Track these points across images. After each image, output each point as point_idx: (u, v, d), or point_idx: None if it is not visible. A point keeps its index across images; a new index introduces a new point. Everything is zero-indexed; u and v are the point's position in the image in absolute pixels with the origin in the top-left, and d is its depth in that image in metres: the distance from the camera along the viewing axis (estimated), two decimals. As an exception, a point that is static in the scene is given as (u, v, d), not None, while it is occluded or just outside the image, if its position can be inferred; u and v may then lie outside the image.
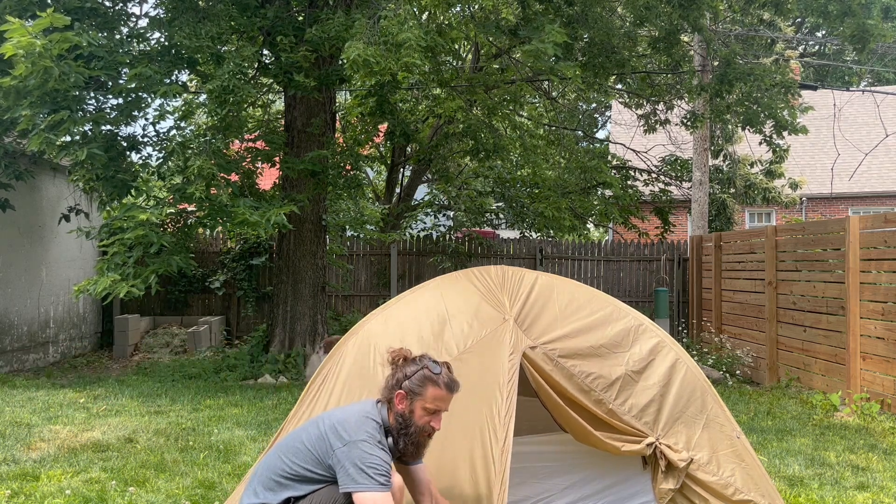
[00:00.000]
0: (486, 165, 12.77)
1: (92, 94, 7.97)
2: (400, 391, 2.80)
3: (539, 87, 13.51)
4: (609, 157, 14.73)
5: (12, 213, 9.09)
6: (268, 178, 12.14)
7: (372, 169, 15.22)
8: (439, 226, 13.25)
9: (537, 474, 3.67)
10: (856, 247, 7.14)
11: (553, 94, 14.59)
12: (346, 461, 2.66)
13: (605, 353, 3.40)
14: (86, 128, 7.48)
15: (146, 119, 8.32)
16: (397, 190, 13.99)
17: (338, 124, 11.44)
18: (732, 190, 14.65)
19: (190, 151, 7.75)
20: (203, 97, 9.85)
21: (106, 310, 11.62)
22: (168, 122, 26.19)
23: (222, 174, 7.88)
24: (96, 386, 8.12)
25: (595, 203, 13.18)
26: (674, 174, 14.11)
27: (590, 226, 17.94)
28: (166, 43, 8.26)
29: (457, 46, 12.58)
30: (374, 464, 2.65)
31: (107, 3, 8.33)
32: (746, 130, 12.16)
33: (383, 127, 11.99)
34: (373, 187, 14.83)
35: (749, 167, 15.12)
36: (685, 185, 14.31)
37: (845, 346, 7.21)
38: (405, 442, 2.79)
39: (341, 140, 10.75)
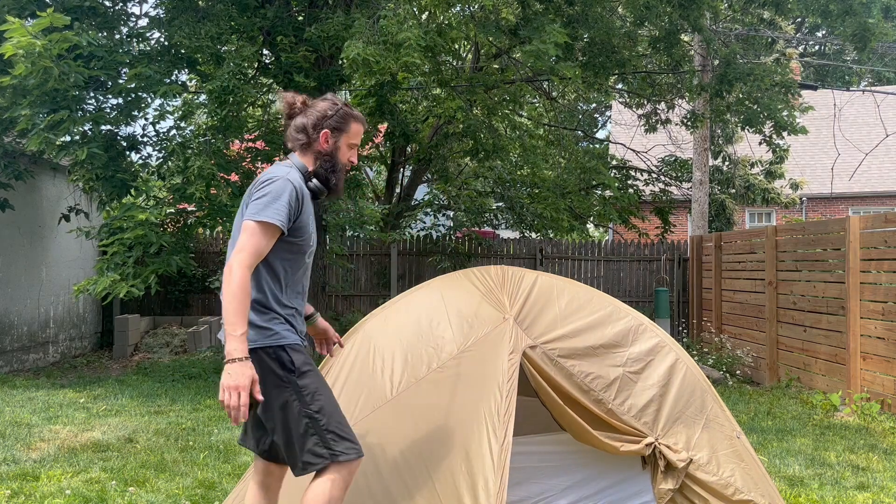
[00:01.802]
0: (486, 165, 12.77)
1: (92, 94, 7.97)
2: (325, 130, 2.74)
3: (539, 87, 13.51)
4: (609, 158, 14.73)
5: (12, 212, 9.08)
6: (268, 178, 12.11)
7: (372, 169, 15.21)
8: (439, 226, 13.24)
9: (537, 474, 3.67)
10: (856, 247, 7.14)
11: (553, 94, 14.60)
12: (264, 192, 2.60)
13: (604, 353, 3.40)
14: (85, 127, 7.48)
15: (146, 119, 8.33)
16: (397, 190, 13.99)
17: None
18: (732, 190, 14.66)
19: (190, 151, 7.75)
20: (203, 97, 9.85)
21: (106, 310, 11.62)
22: (168, 122, 26.17)
23: (222, 174, 7.88)
24: (96, 386, 8.12)
25: (594, 203, 13.18)
26: (674, 174, 14.11)
27: (590, 226, 17.95)
28: (166, 43, 8.26)
29: (457, 46, 12.58)
30: (262, 202, 2.56)
31: (106, 3, 8.33)
32: (746, 130, 12.16)
33: (383, 127, 11.99)
34: (373, 187, 14.83)
35: (749, 167, 15.13)
36: (685, 185, 14.31)
37: (845, 346, 7.21)
38: (335, 178, 2.78)
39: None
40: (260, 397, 2.44)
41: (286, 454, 2.61)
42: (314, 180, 2.74)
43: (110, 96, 8.18)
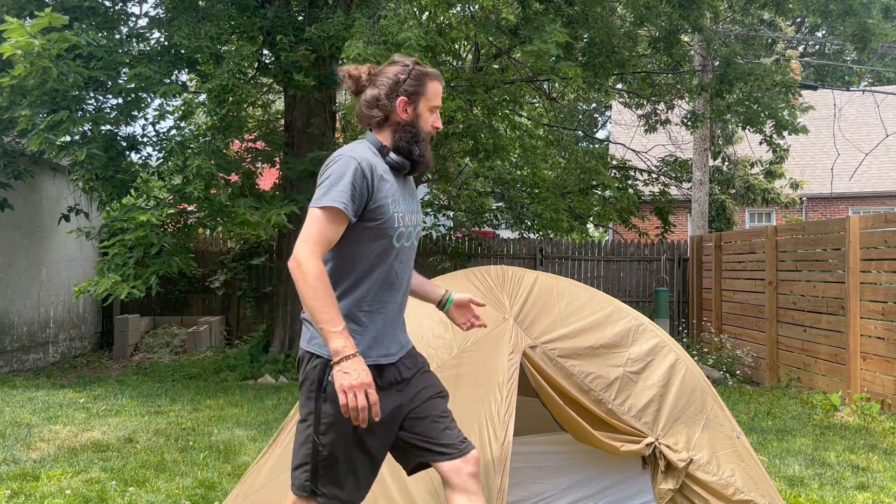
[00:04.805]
0: (486, 165, 12.76)
1: (91, 94, 7.97)
2: (401, 98, 2.41)
3: (539, 87, 13.50)
4: (609, 158, 14.72)
5: (12, 212, 9.08)
6: (268, 178, 12.13)
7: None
8: (439, 226, 13.24)
9: (537, 474, 3.67)
10: (856, 247, 7.14)
11: (553, 94, 14.59)
12: (325, 175, 2.33)
13: (604, 353, 3.40)
14: (85, 128, 7.48)
15: (146, 119, 8.32)
16: (397, 190, 13.96)
17: (338, 124, 11.44)
18: (732, 190, 14.66)
19: (189, 151, 7.75)
20: (203, 97, 9.84)
21: (106, 310, 11.61)
22: (168, 122, 26.16)
23: (222, 174, 7.87)
24: (96, 386, 8.12)
25: (594, 204, 13.18)
26: (674, 174, 14.11)
27: (590, 226, 17.94)
28: (166, 43, 8.26)
29: (457, 46, 12.57)
30: (324, 185, 2.29)
31: (106, 3, 8.32)
32: (747, 130, 12.16)
33: (383, 127, 11.95)
34: (373, 187, 14.79)
35: (749, 167, 15.13)
36: (685, 185, 14.31)
37: (845, 346, 7.21)
38: (420, 149, 2.43)
39: (341, 140, 10.75)
40: (376, 397, 2.20)
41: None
42: (392, 154, 2.41)
43: (110, 96, 8.18)
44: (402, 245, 2.42)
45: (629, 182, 13.93)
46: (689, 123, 11.38)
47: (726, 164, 14.97)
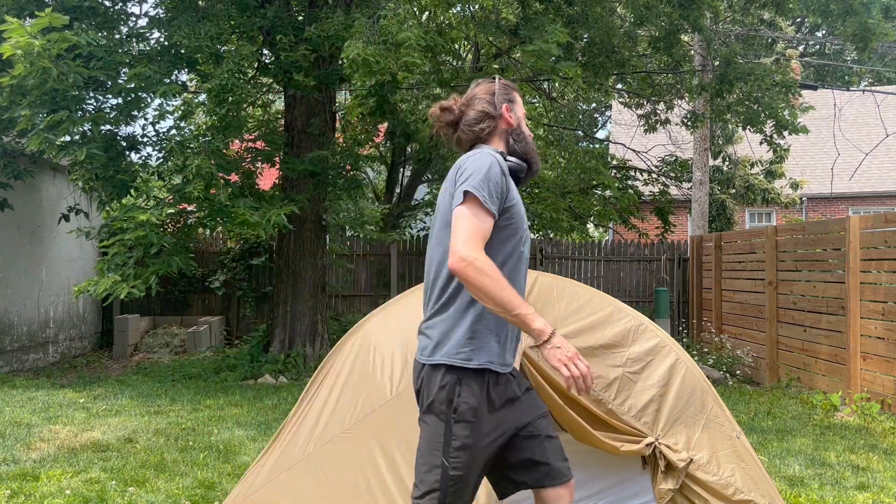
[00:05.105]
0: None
1: (91, 94, 7.97)
2: (504, 104, 2.48)
3: (539, 87, 13.50)
4: (609, 158, 14.71)
5: (12, 212, 9.08)
6: (268, 178, 12.13)
7: (372, 169, 15.21)
8: (439, 226, 13.22)
9: (537, 474, 3.66)
10: (856, 247, 7.14)
11: (553, 94, 14.58)
12: (469, 170, 2.28)
13: (604, 353, 3.40)
14: (85, 128, 7.48)
15: (146, 119, 8.32)
16: (397, 190, 13.98)
17: (338, 124, 11.44)
18: (732, 190, 14.65)
19: (189, 151, 7.75)
20: (203, 97, 9.85)
21: (106, 310, 11.62)
22: (168, 122, 26.19)
23: (222, 174, 7.87)
24: (96, 386, 8.12)
25: (594, 204, 13.17)
26: (674, 174, 14.10)
27: (590, 226, 17.94)
28: (166, 43, 8.25)
29: (457, 46, 12.57)
30: (469, 182, 2.24)
31: (106, 3, 8.32)
32: (747, 130, 12.16)
33: (383, 127, 11.98)
34: (373, 187, 14.82)
35: (749, 167, 15.12)
36: (685, 185, 14.30)
37: (845, 346, 7.21)
38: (531, 154, 2.49)
39: (341, 140, 10.75)
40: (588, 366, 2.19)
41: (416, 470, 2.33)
42: (510, 157, 2.44)
43: (110, 96, 8.17)
44: (524, 251, 2.42)
45: (629, 182, 13.93)
46: (689, 123, 11.38)
47: (726, 163, 14.96)
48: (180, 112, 9.26)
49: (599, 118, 24.69)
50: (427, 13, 11.59)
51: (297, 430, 3.49)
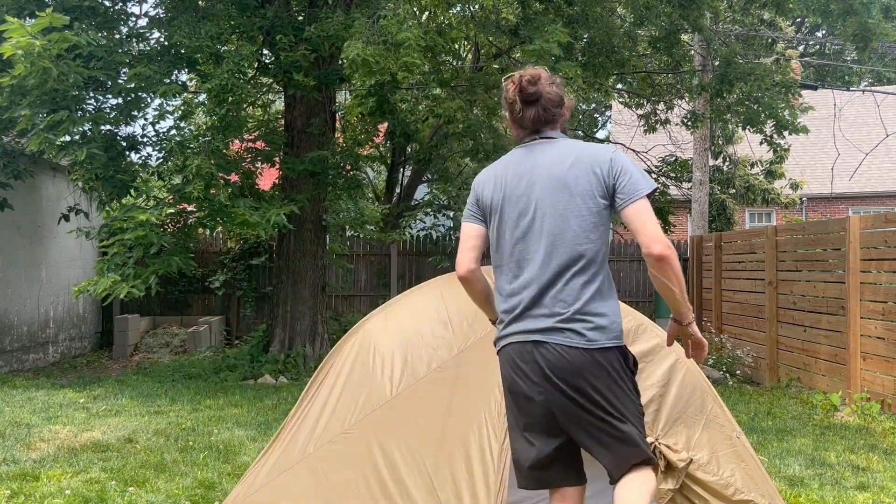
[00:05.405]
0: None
1: (91, 94, 7.97)
2: (565, 103, 2.54)
3: (539, 86, 13.47)
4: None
5: (12, 212, 9.08)
6: (268, 178, 12.13)
7: (372, 169, 15.21)
8: (439, 226, 13.24)
9: (537, 474, 3.66)
10: (856, 247, 7.13)
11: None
12: (628, 165, 2.40)
13: (604, 352, 3.40)
14: (85, 128, 7.48)
15: (145, 119, 8.33)
16: (397, 190, 13.99)
17: (338, 124, 11.45)
18: (732, 190, 14.65)
19: (189, 151, 7.75)
20: (203, 97, 9.85)
21: (106, 310, 11.62)
22: (168, 122, 26.16)
23: (221, 174, 7.88)
24: (96, 386, 8.12)
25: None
26: (674, 174, 14.10)
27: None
28: (166, 43, 8.25)
29: (457, 46, 12.57)
30: (636, 177, 2.41)
31: (106, 3, 8.32)
32: (747, 130, 12.17)
33: (383, 127, 11.98)
34: (373, 187, 14.82)
35: (749, 167, 15.12)
36: (685, 185, 14.30)
37: (845, 346, 7.20)
38: None
39: (341, 140, 10.75)
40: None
41: (616, 452, 2.46)
42: None
43: (110, 96, 8.18)
44: None
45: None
46: (689, 123, 11.38)
47: (726, 164, 14.96)
48: (180, 112, 9.26)
49: (599, 118, 24.68)
50: (427, 13, 11.59)
51: (297, 431, 3.49)
